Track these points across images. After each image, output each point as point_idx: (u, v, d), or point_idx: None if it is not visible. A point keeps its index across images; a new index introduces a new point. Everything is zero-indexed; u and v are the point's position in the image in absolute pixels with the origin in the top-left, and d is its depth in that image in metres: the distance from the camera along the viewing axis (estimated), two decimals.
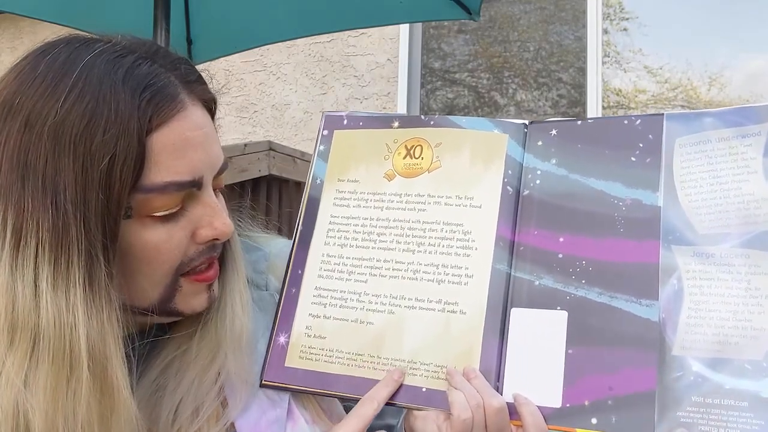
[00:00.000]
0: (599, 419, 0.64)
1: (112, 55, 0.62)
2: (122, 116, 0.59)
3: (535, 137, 0.77)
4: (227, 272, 0.73)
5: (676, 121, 0.72)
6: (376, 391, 0.69)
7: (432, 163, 0.78)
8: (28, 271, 0.58)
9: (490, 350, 0.69)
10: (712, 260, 0.65)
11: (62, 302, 0.58)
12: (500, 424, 0.65)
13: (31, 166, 0.58)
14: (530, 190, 0.74)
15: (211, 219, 0.66)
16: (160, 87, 0.62)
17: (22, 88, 0.61)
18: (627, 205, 0.70)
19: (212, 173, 0.67)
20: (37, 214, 0.58)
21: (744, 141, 0.68)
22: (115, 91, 0.59)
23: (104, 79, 0.60)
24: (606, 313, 0.67)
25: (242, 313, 0.72)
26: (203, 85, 0.69)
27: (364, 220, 0.77)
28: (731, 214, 0.66)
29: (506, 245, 0.72)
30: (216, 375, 0.70)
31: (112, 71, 0.60)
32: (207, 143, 0.66)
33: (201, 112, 0.67)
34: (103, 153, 0.58)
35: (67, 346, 0.58)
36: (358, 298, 0.74)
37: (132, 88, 0.60)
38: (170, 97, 0.62)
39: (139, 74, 0.61)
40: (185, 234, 0.66)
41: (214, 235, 0.67)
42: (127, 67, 0.61)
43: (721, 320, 0.63)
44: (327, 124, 0.84)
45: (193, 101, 0.66)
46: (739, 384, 0.61)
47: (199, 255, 0.67)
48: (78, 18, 2.37)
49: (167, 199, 0.63)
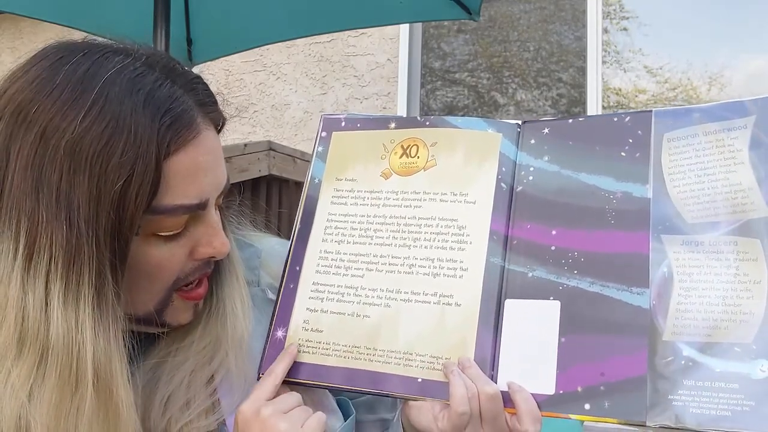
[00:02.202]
0: (592, 405, 0.65)
1: (132, 74, 0.62)
2: (141, 139, 0.59)
3: (528, 136, 0.79)
4: (224, 274, 0.75)
5: (665, 117, 0.74)
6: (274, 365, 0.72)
7: (427, 162, 0.80)
8: (39, 285, 0.59)
9: (484, 341, 0.70)
10: (701, 248, 0.67)
11: (72, 319, 0.59)
12: (494, 411, 0.66)
13: (46, 180, 0.59)
14: (523, 186, 0.76)
15: (210, 238, 0.68)
16: (179, 112, 0.63)
17: (38, 97, 0.60)
18: (617, 198, 0.72)
19: (217, 194, 0.69)
20: (51, 228, 0.59)
21: (730, 134, 0.70)
22: (135, 113, 0.60)
23: (125, 99, 0.60)
24: (598, 301, 0.68)
25: (243, 317, 0.73)
26: (216, 107, 0.69)
27: (361, 217, 0.79)
28: (719, 204, 0.68)
29: (500, 239, 0.74)
30: (211, 374, 0.71)
31: (133, 92, 0.61)
32: (216, 167, 0.67)
33: (213, 135, 0.68)
34: (119, 174, 0.59)
35: (74, 362, 0.59)
36: (355, 293, 0.75)
37: (152, 112, 0.61)
38: (188, 122, 0.63)
39: (160, 97, 0.62)
40: (185, 251, 0.67)
41: (212, 253, 0.69)
42: (149, 89, 0.62)
43: (711, 305, 0.64)
44: (325, 126, 0.87)
45: (207, 125, 0.67)
46: (730, 366, 0.61)
47: (195, 271, 0.69)
48: (78, 18, 2.38)
49: (175, 221, 0.64)
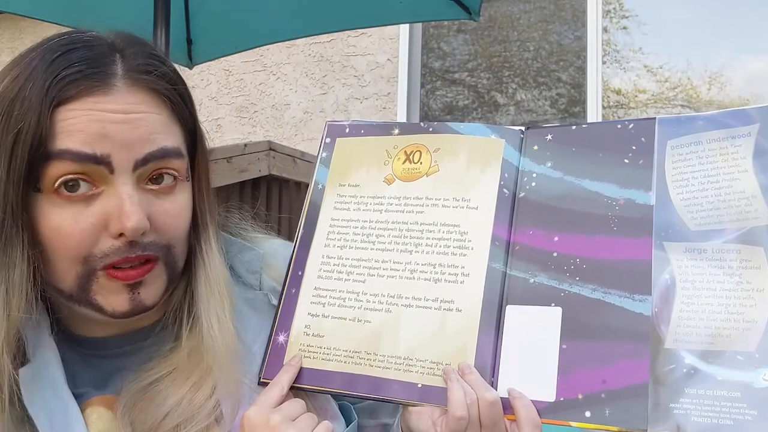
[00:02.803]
0: (593, 412, 0.65)
1: (66, 41, 0.65)
2: (33, 93, 0.62)
3: (531, 142, 0.79)
4: (199, 287, 0.72)
5: (668, 125, 0.74)
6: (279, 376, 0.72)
7: (430, 168, 0.80)
8: None
9: (485, 346, 0.70)
10: (704, 256, 0.67)
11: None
12: (494, 417, 0.66)
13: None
14: (526, 192, 0.76)
15: (119, 212, 0.63)
16: (81, 69, 0.63)
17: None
18: (620, 204, 0.72)
19: (128, 157, 0.64)
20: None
21: (734, 142, 0.70)
22: (39, 71, 0.63)
23: (40, 60, 0.64)
24: (599, 308, 0.68)
25: (222, 334, 0.70)
26: (154, 76, 0.67)
27: (363, 222, 0.79)
28: (722, 211, 0.67)
29: (502, 245, 0.74)
30: (207, 395, 0.69)
31: (49, 53, 0.64)
32: (128, 125, 0.64)
33: (135, 99, 0.65)
34: (12, 127, 0.62)
35: None
36: (356, 298, 0.75)
37: (54, 69, 0.63)
38: (90, 77, 0.63)
39: (71, 58, 0.64)
40: (94, 221, 0.64)
41: (121, 229, 0.63)
42: (65, 51, 0.64)
43: (713, 313, 0.64)
44: (330, 133, 0.87)
45: (131, 88, 0.65)
46: (732, 375, 0.61)
47: (115, 252, 0.64)
48: (78, 18, 2.37)
49: (65, 168, 0.62)
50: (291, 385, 0.72)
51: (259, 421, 0.66)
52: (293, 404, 0.69)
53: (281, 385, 0.70)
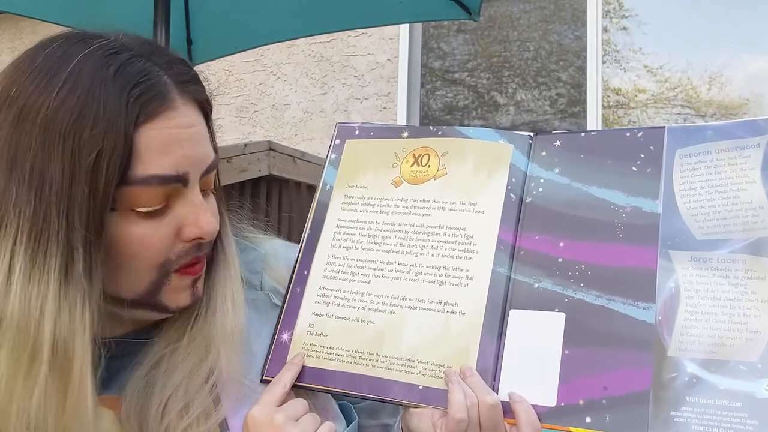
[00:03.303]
0: (593, 418, 0.65)
1: (107, 52, 0.63)
2: (110, 112, 0.60)
3: (539, 148, 0.79)
4: (218, 271, 0.74)
5: (677, 134, 0.74)
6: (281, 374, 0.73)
7: (438, 171, 0.80)
8: (4, 258, 0.59)
9: (487, 350, 0.70)
10: (709, 265, 0.67)
11: (33, 291, 0.59)
12: (494, 421, 0.66)
13: (20, 158, 0.60)
14: (533, 198, 0.76)
15: (196, 217, 0.67)
16: (150, 85, 0.63)
17: (19, 79, 0.62)
18: (627, 212, 0.72)
19: (199, 171, 0.67)
20: (19, 204, 0.59)
21: (743, 153, 0.70)
22: (104, 86, 0.61)
23: (96, 74, 0.61)
24: (603, 315, 0.68)
25: (233, 313, 0.73)
26: (197, 86, 0.69)
27: (370, 223, 0.79)
28: (729, 221, 0.68)
29: (507, 249, 0.74)
30: (207, 373, 0.70)
31: (104, 67, 0.62)
32: (194, 141, 0.66)
33: (191, 111, 0.67)
34: (90, 147, 0.60)
35: (30, 335, 0.59)
36: (361, 298, 0.76)
37: (122, 85, 0.61)
38: (159, 94, 0.64)
39: (131, 71, 0.63)
40: (170, 231, 0.66)
41: (199, 233, 0.67)
42: (120, 64, 0.63)
43: (717, 323, 0.64)
44: (339, 134, 0.87)
45: (185, 100, 0.67)
46: (734, 385, 0.61)
47: (186, 254, 0.68)
48: (78, 18, 2.37)
49: (151, 193, 0.64)
50: (293, 384, 0.72)
51: (263, 420, 0.67)
52: (296, 404, 0.69)
53: (284, 383, 0.71)
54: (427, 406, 0.69)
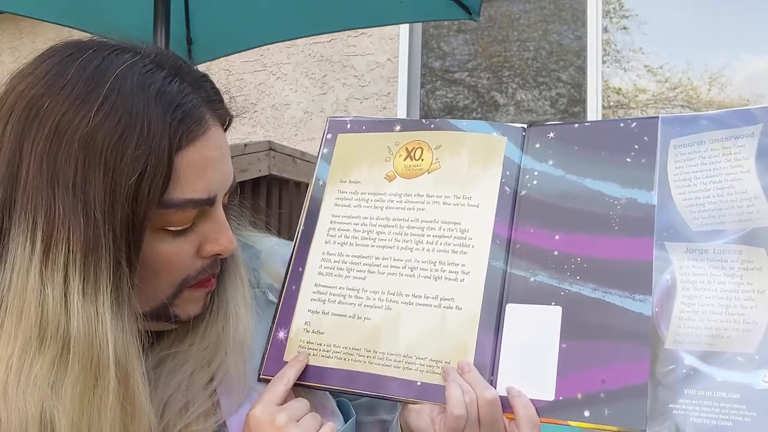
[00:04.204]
0: (592, 412, 0.65)
1: (142, 70, 0.63)
2: (154, 133, 0.60)
3: (533, 140, 0.78)
4: (230, 277, 0.75)
5: (671, 124, 0.73)
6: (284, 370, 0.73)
7: (432, 165, 0.80)
8: (58, 278, 0.59)
9: (484, 345, 0.70)
10: (705, 256, 0.66)
11: (92, 311, 0.59)
12: (492, 416, 0.66)
13: (61, 174, 0.59)
14: (527, 190, 0.76)
15: (217, 235, 0.68)
16: (189, 108, 0.63)
17: (50, 92, 0.61)
18: (622, 204, 0.72)
19: (224, 191, 0.69)
20: (68, 221, 0.59)
21: (737, 142, 0.69)
22: (147, 107, 0.61)
23: (136, 94, 0.61)
24: (600, 308, 0.68)
25: (246, 319, 0.73)
26: (223, 105, 0.70)
27: (364, 219, 0.79)
28: (724, 212, 0.67)
29: (503, 243, 0.74)
30: (210, 376, 0.71)
31: (144, 87, 0.61)
32: (224, 162, 0.68)
33: (220, 132, 0.68)
34: (133, 168, 0.59)
35: (95, 354, 0.59)
36: (356, 295, 0.75)
37: (164, 107, 0.61)
38: (198, 117, 0.64)
39: (171, 92, 0.63)
40: (192, 248, 0.67)
41: (219, 250, 0.68)
42: (159, 85, 0.62)
43: (714, 314, 0.64)
44: (331, 128, 0.87)
45: (215, 122, 0.67)
46: (731, 376, 0.61)
47: (203, 270, 0.69)
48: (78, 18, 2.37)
49: (184, 215, 0.65)
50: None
51: (265, 420, 0.67)
52: (298, 404, 0.69)
53: (287, 379, 0.71)
54: (425, 402, 0.69)
